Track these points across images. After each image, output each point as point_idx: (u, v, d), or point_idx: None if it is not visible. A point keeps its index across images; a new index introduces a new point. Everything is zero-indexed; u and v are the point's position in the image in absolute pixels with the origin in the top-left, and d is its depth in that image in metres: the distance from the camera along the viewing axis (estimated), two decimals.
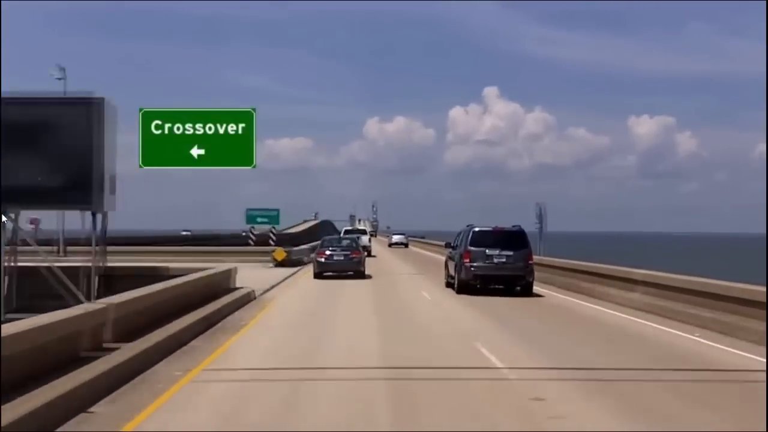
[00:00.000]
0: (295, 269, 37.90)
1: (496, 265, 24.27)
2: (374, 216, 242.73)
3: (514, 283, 24.60)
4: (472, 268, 24.25)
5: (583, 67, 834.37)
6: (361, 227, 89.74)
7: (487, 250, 24.33)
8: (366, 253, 40.42)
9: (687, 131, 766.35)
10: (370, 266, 35.47)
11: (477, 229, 25.15)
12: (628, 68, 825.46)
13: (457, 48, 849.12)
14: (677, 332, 15.81)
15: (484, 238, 24.73)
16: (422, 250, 78.12)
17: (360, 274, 31.91)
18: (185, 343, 13.22)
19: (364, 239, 53.68)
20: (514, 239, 24.82)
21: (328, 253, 32.42)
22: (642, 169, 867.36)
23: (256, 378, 10.63)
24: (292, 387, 10.01)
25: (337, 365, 11.70)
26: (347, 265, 32.06)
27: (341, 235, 50.93)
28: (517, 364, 11.76)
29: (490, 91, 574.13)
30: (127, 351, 10.86)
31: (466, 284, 24.46)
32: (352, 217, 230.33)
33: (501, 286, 24.64)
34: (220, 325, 16.19)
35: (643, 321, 17.74)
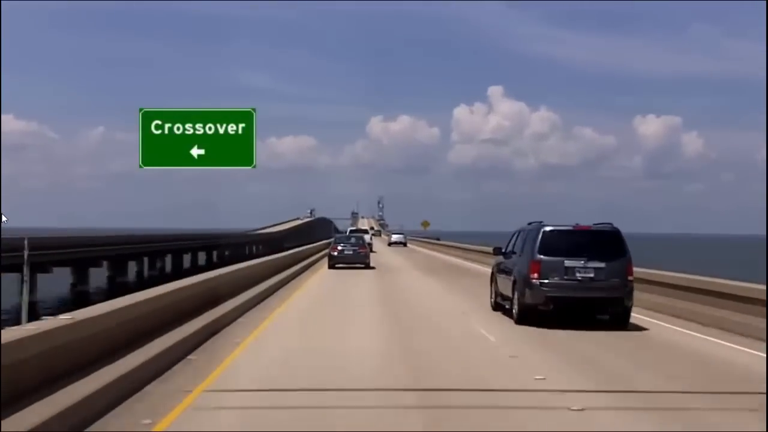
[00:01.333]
0: None
1: (581, 282, 16.13)
2: (380, 213, 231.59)
3: (605, 309, 16.63)
4: (544, 288, 16.13)
5: (589, 67, 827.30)
6: (363, 227, 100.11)
7: (565, 261, 16.18)
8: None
9: (693, 131, 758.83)
10: (374, 259, 43.12)
11: (548, 228, 16.75)
12: (634, 68, 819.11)
13: (462, 47, 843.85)
14: None
15: (559, 243, 16.51)
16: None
17: (366, 266, 38.56)
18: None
19: (366, 237, 64.36)
20: (604, 244, 16.55)
21: (339, 248, 39.51)
22: (648, 170, 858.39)
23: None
24: None
25: None
26: (355, 258, 38.86)
27: (347, 234, 57.12)
28: None
29: (495, 90, 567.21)
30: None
31: (533, 310, 16.43)
32: (354, 215, 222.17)
33: (586, 314, 16.65)
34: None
35: None
